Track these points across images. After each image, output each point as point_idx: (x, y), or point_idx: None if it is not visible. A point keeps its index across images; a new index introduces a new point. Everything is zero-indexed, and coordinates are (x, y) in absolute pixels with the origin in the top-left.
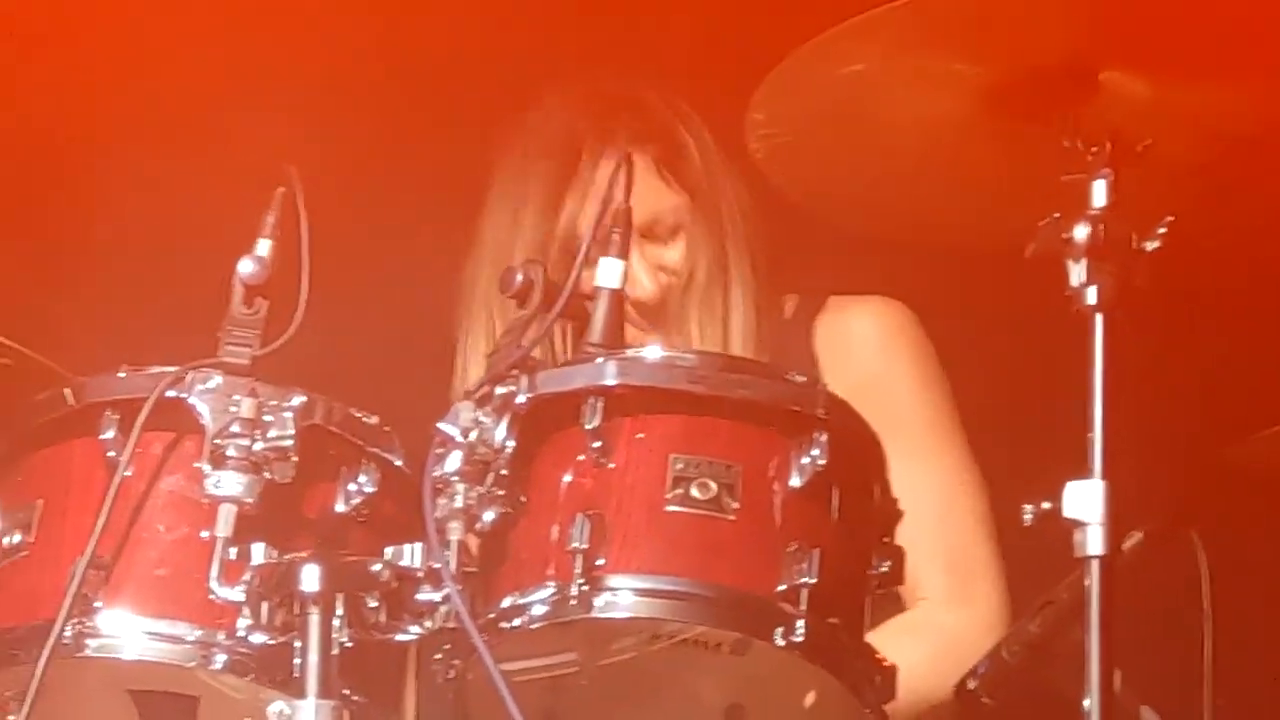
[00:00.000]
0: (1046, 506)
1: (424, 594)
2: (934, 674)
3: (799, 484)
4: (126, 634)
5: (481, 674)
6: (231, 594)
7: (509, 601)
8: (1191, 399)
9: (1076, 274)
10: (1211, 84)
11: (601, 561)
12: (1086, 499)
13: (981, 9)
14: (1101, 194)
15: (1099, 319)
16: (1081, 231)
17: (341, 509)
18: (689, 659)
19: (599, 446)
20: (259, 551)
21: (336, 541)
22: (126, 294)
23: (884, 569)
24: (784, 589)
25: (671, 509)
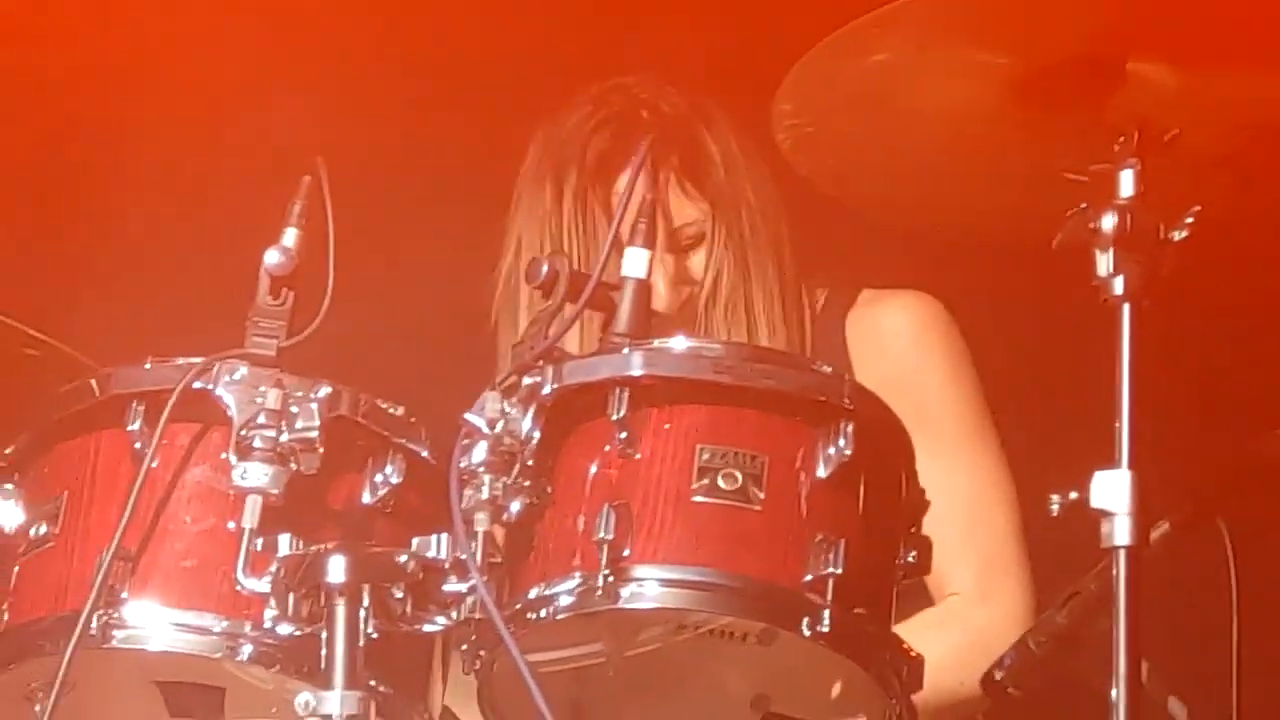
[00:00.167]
0: (1074, 497)
1: (450, 585)
2: (962, 668)
3: (825, 474)
4: (153, 625)
5: (508, 665)
6: (258, 585)
7: (535, 592)
8: (1219, 388)
9: (1104, 264)
10: (1238, 73)
11: (627, 552)
12: (1114, 489)
13: None
14: (1129, 184)
15: (1126, 309)
16: (1109, 221)
17: (367, 500)
18: (715, 650)
19: (625, 437)
20: (285, 543)
21: (362, 533)
22: (153, 285)
23: (911, 559)
24: (810, 579)
25: (698, 499)
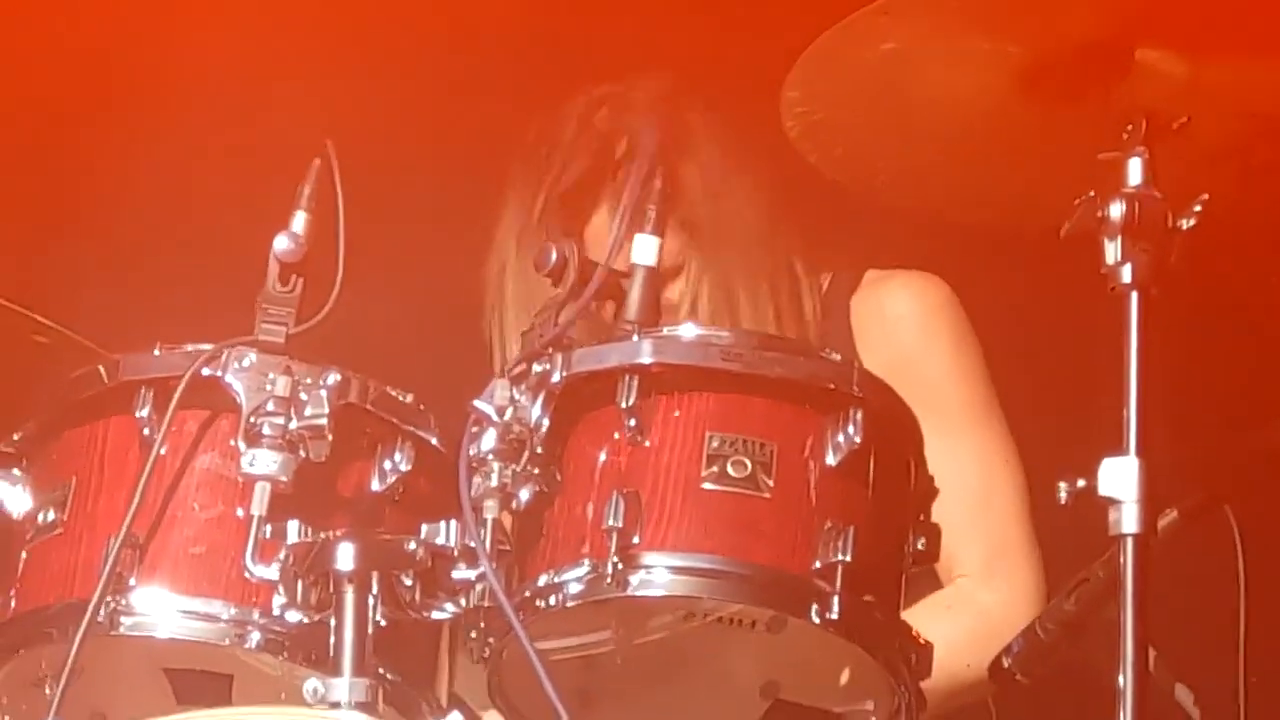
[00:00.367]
0: (1082, 484)
1: (459, 572)
2: (970, 652)
3: (834, 462)
4: (161, 612)
5: (517, 652)
6: (266, 572)
7: (544, 580)
8: (1226, 376)
9: (1112, 252)
10: (1247, 62)
11: (637, 540)
12: (1122, 476)
13: None
14: (1137, 172)
15: (1134, 297)
16: (1117, 210)
17: (377, 487)
18: (724, 637)
19: (634, 425)
20: (294, 530)
21: (371, 520)
22: (161, 272)
23: (920, 547)
24: (819, 567)
25: (707, 487)
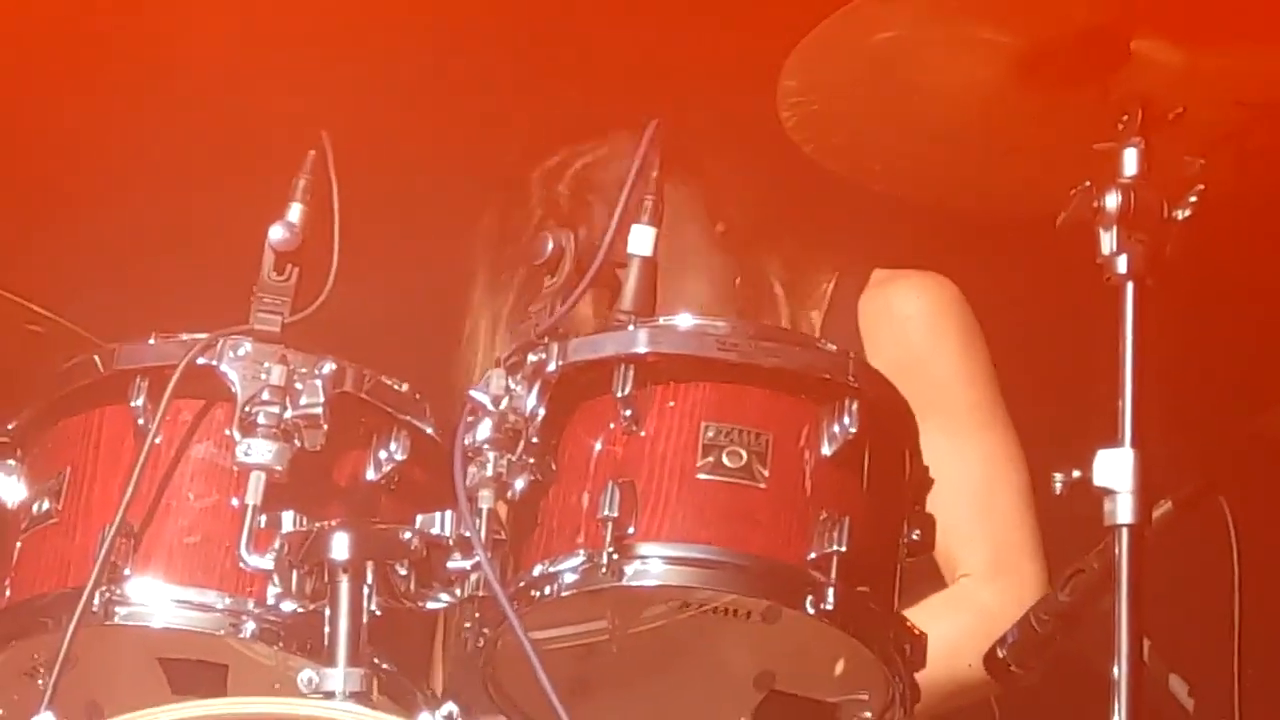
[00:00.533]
0: (1077, 475)
1: (454, 562)
2: (972, 651)
3: (830, 452)
4: (156, 602)
5: (511, 642)
6: (261, 562)
7: (539, 570)
8: (1221, 367)
9: (1107, 242)
10: (1242, 51)
11: (632, 530)
12: (1117, 467)
13: None
14: (1132, 162)
15: (1129, 287)
16: (1112, 200)
17: (372, 477)
18: (719, 627)
19: (630, 414)
20: (289, 519)
21: (367, 509)
22: (156, 261)
23: (915, 537)
24: (814, 557)
25: (702, 477)
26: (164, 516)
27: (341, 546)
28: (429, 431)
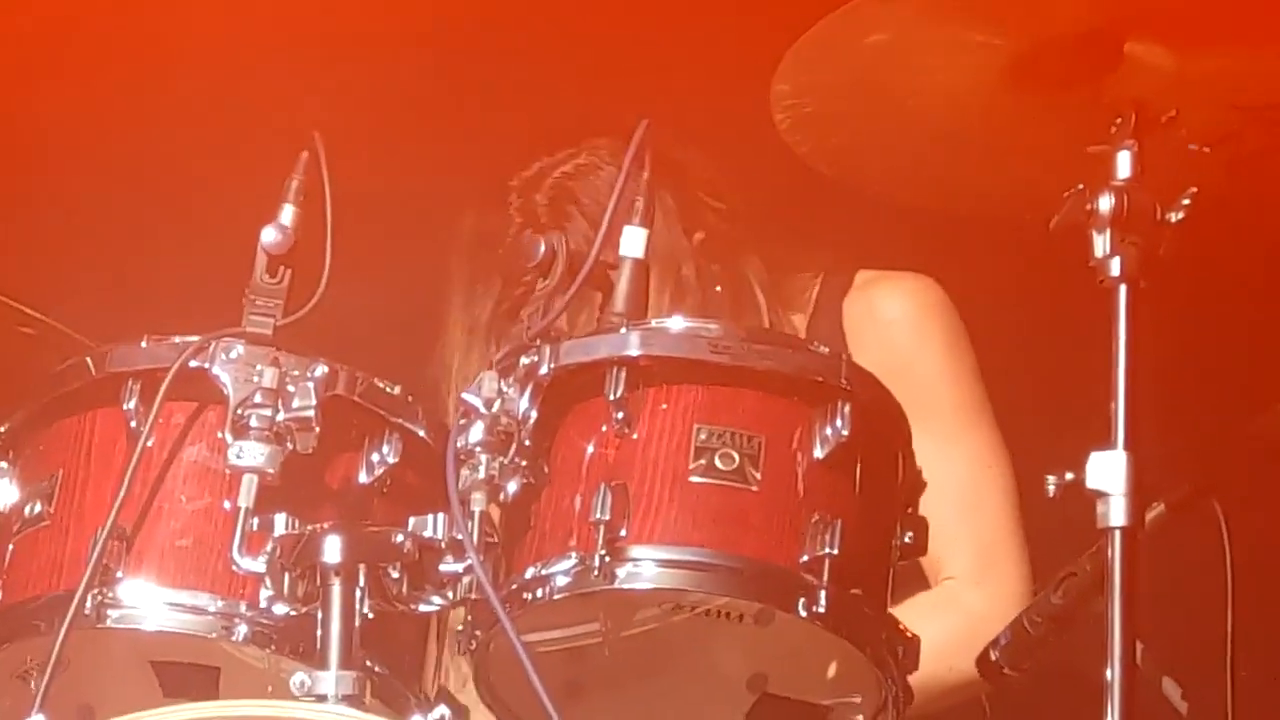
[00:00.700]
0: (1070, 478)
1: (446, 565)
2: (956, 653)
3: (822, 455)
4: (148, 605)
5: (504, 645)
6: (253, 565)
7: (531, 572)
8: (1215, 369)
9: (1100, 245)
10: (1236, 54)
11: (624, 532)
12: (1110, 470)
13: None
14: (1126, 165)
15: (1123, 290)
16: (1105, 203)
17: (364, 480)
18: (711, 630)
19: (622, 417)
20: (281, 522)
21: (359, 512)
22: (149, 263)
23: (908, 540)
24: (807, 560)
25: (695, 480)
26: (156, 519)
27: (334, 549)
28: (421, 434)
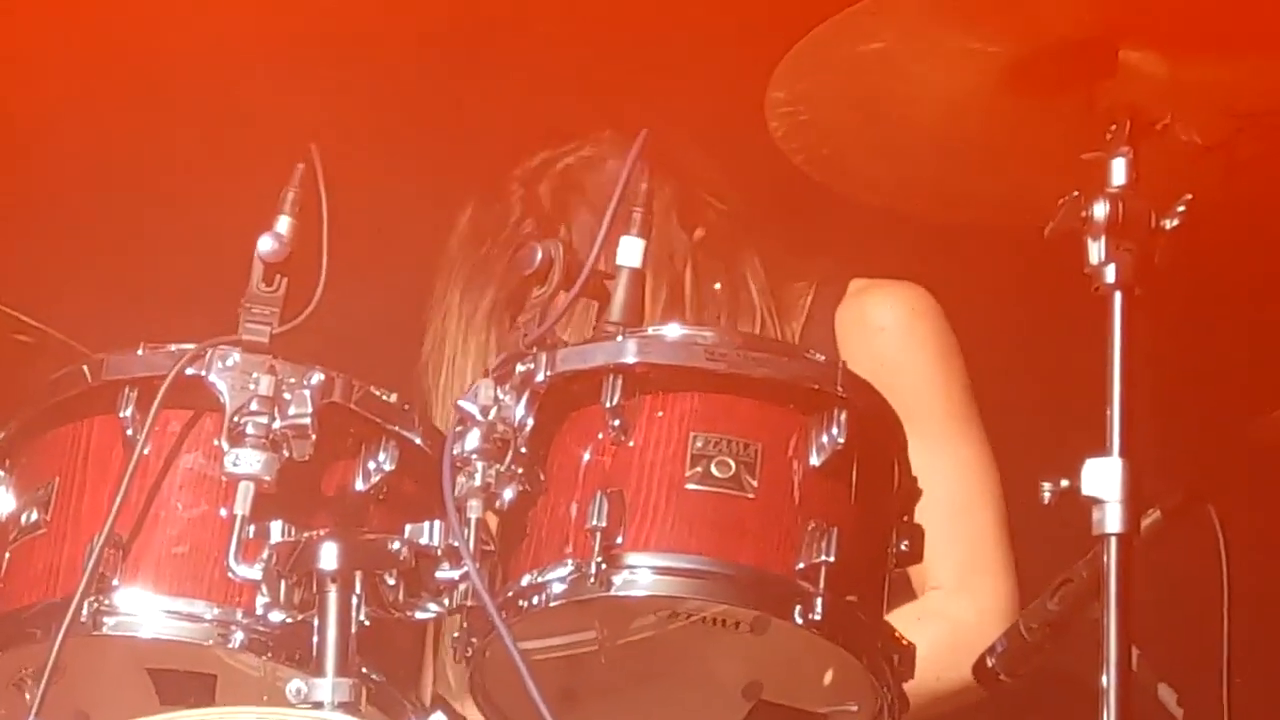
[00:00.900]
0: (1065, 484)
1: (443, 572)
2: (941, 663)
3: (818, 462)
4: (144, 612)
5: (500, 652)
6: (250, 572)
7: (528, 580)
8: (1210, 376)
9: (1095, 252)
10: (1230, 62)
11: (620, 540)
12: (1105, 476)
13: None
14: (1120, 172)
15: (1118, 297)
16: (1100, 209)
17: (360, 487)
18: (708, 637)
19: (618, 424)
20: (277, 529)
21: (355, 519)
22: (145, 271)
23: (903, 548)
24: (803, 567)
25: (691, 487)
26: (152, 527)
27: (330, 556)
28: (417, 441)
